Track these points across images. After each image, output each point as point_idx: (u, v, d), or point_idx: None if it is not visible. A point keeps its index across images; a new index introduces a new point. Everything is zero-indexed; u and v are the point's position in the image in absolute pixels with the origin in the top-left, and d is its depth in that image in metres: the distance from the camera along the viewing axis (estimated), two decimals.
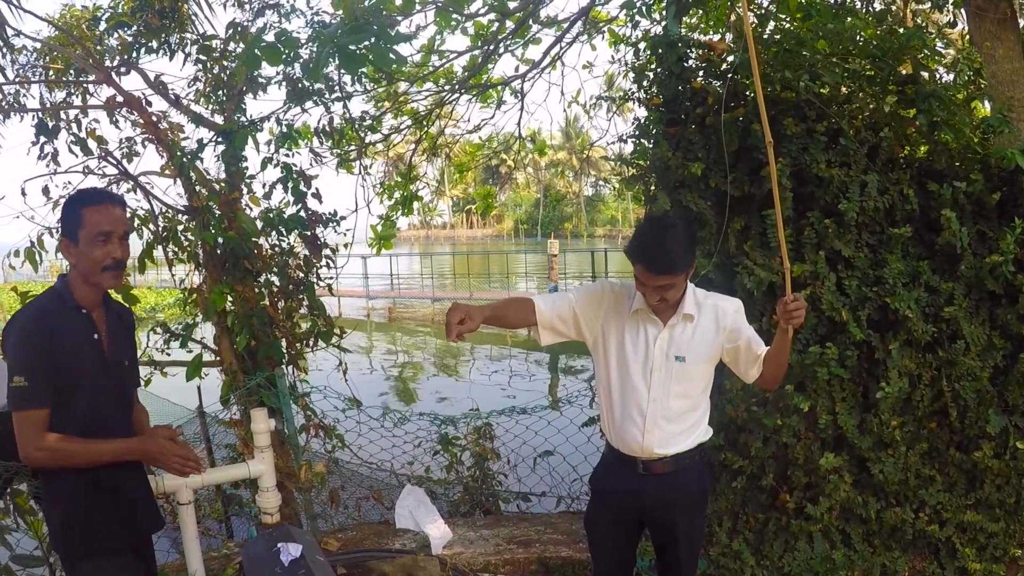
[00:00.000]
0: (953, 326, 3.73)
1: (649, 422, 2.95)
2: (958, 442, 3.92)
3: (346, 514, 5.63)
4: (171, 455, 2.69)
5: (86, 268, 2.63)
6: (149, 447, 2.68)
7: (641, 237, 2.84)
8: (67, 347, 2.58)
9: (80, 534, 2.70)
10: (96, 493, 2.71)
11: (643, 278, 2.78)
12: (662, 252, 2.73)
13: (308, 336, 5.38)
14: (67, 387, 2.57)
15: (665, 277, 2.73)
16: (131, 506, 2.87)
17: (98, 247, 2.60)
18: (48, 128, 5.17)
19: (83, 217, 2.61)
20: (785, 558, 4.05)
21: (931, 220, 3.82)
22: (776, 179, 2.78)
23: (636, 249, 2.80)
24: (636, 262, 2.79)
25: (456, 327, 2.63)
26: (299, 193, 5.35)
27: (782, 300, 2.71)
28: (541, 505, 5.76)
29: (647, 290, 2.81)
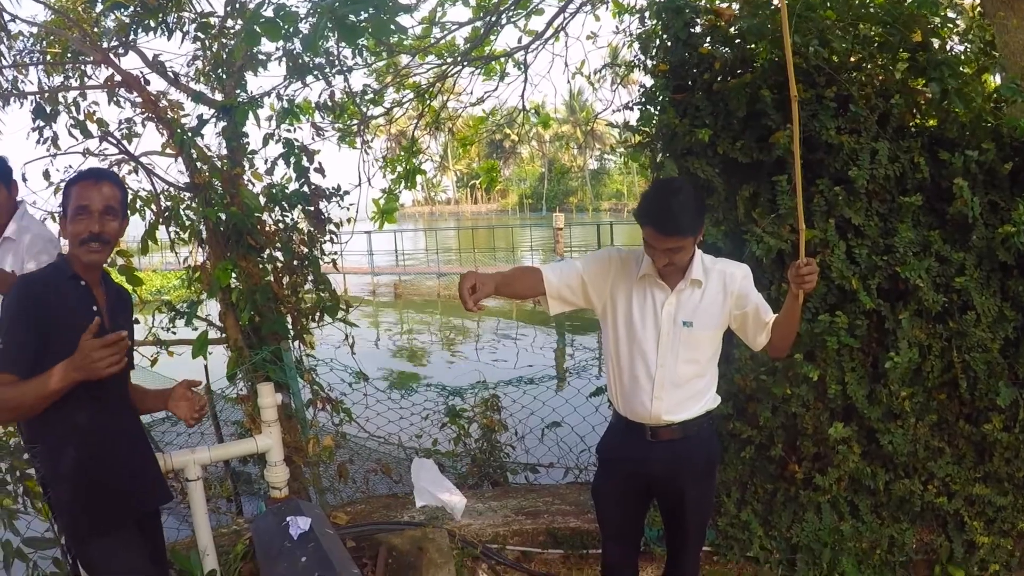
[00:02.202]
0: (964, 297, 3.69)
1: (657, 388, 2.93)
2: (967, 414, 3.89)
3: (355, 488, 5.64)
4: (94, 353, 2.43)
5: (70, 242, 2.69)
6: (75, 360, 2.44)
7: (649, 199, 2.81)
8: (66, 318, 2.58)
9: (84, 511, 2.70)
10: (97, 467, 2.71)
11: (651, 240, 2.76)
12: (670, 214, 2.71)
13: (313, 311, 5.36)
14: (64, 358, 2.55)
15: (674, 239, 2.72)
16: (134, 478, 2.86)
17: (77, 221, 2.64)
18: (47, 112, 5.15)
19: (70, 193, 2.69)
20: (793, 529, 4.05)
21: (942, 189, 3.76)
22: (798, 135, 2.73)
23: (644, 211, 2.77)
24: (644, 224, 2.76)
25: (471, 295, 2.62)
26: (301, 168, 5.32)
27: (795, 263, 2.68)
28: (549, 476, 5.76)
29: (655, 253, 2.78)
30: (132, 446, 2.90)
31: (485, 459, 5.71)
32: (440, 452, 5.73)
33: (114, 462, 2.77)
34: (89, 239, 2.65)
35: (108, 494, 2.74)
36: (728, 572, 4.16)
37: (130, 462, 2.86)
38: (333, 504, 5.28)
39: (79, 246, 2.66)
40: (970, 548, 3.92)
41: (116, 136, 5.15)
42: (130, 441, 2.89)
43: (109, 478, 2.74)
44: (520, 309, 22.25)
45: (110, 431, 2.74)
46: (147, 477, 2.97)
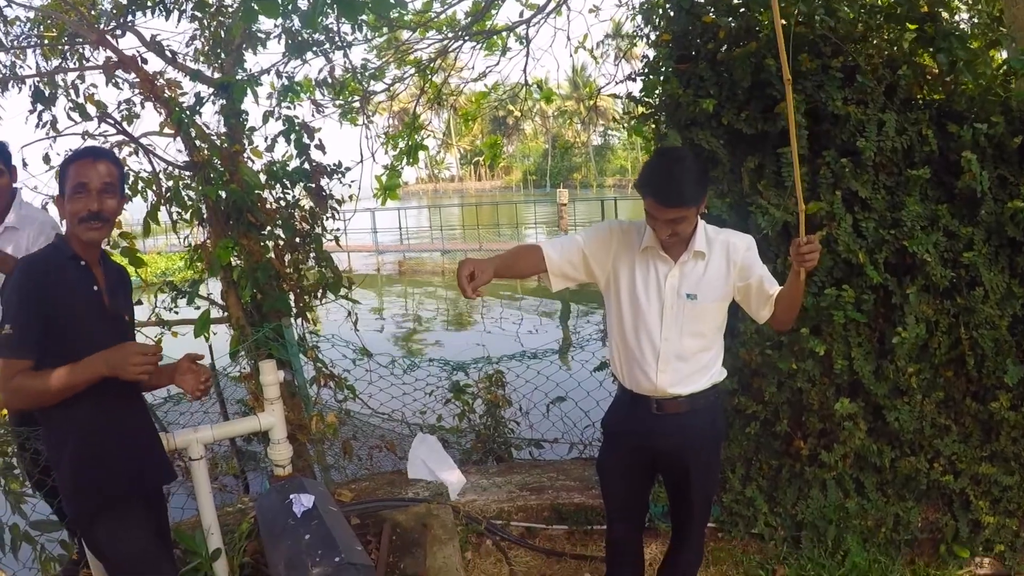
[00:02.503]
0: (972, 272, 3.64)
1: (662, 361, 2.91)
2: (974, 392, 3.86)
3: (359, 465, 5.64)
4: (133, 357, 2.52)
5: (68, 221, 2.67)
6: (111, 357, 2.53)
7: (651, 169, 2.78)
8: (66, 297, 2.58)
9: (89, 490, 2.69)
10: (101, 446, 2.70)
11: (654, 211, 2.72)
12: (672, 184, 2.67)
13: (316, 288, 5.34)
14: (70, 339, 2.55)
15: (676, 210, 2.68)
16: (139, 458, 2.85)
17: (75, 200, 2.62)
18: (45, 95, 5.13)
19: (67, 172, 2.66)
20: (798, 506, 4.03)
21: (950, 163, 3.71)
22: (792, 114, 2.68)
23: (646, 181, 2.73)
24: (646, 195, 2.72)
25: (469, 283, 2.59)
26: (302, 145, 5.29)
27: (795, 242, 2.64)
28: (553, 452, 5.76)
29: (658, 224, 2.75)
30: (136, 426, 2.90)
31: (489, 435, 5.71)
32: (444, 428, 5.73)
33: (118, 442, 2.76)
34: (88, 217, 2.63)
35: (113, 474, 2.73)
36: (733, 549, 4.16)
37: (134, 441, 2.85)
38: (337, 481, 5.28)
39: (78, 224, 2.64)
40: (975, 528, 3.90)
41: (115, 118, 5.12)
42: (134, 421, 2.89)
43: (113, 458, 2.74)
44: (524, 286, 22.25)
45: (114, 411, 2.73)
46: (151, 456, 2.96)
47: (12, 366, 2.47)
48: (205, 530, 3.63)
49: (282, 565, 3.27)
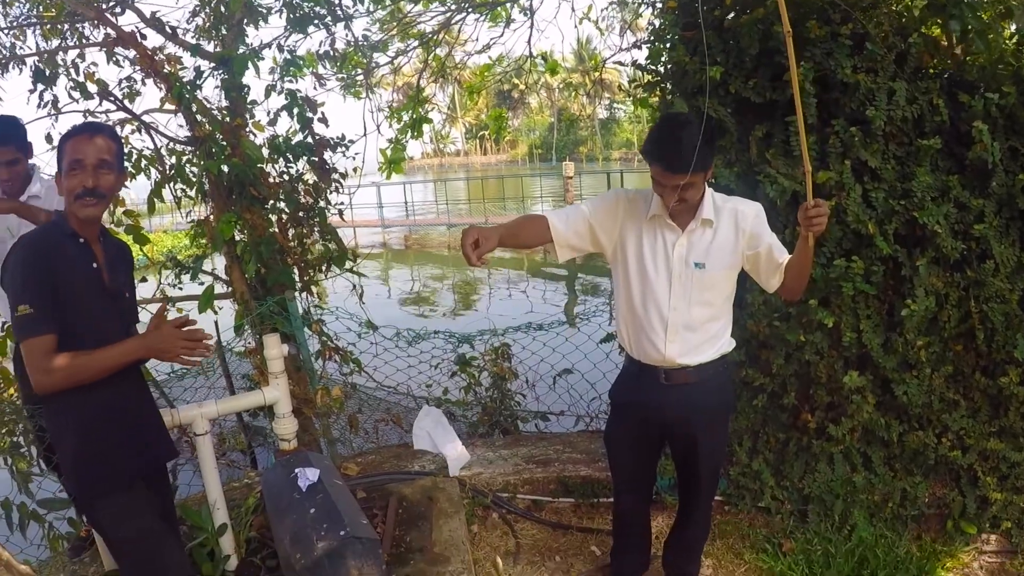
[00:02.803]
0: (983, 245, 3.59)
1: (670, 331, 2.89)
2: (984, 366, 3.82)
3: (365, 438, 5.65)
4: (177, 342, 2.60)
5: (65, 198, 2.64)
6: (152, 340, 2.60)
7: (657, 135, 2.73)
8: (66, 274, 2.56)
9: (92, 468, 2.68)
10: (102, 424, 2.69)
11: (661, 178, 2.69)
12: (679, 150, 2.62)
13: (320, 262, 5.32)
14: (70, 317, 2.54)
15: (683, 176, 2.64)
16: (139, 436, 2.84)
17: (71, 176, 2.60)
18: (45, 75, 5.09)
19: (64, 148, 2.62)
20: (805, 479, 4.01)
21: (961, 133, 3.65)
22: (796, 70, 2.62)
23: (653, 148, 2.69)
24: (653, 162, 2.69)
25: (473, 251, 2.56)
26: (305, 119, 5.25)
27: (803, 206, 2.60)
28: (560, 424, 5.75)
29: (665, 191, 2.71)
30: (137, 404, 2.88)
31: (496, 407, 5.70)
32: (450, 401, 5.72)
33: (120, 421, 2.75)
34: (83, 193, 2.61)
35: (114, 454, 2.72)
36: (739, 522, 4.15)
37: (135, 420, 2.84)
38: (344, 455, 5.29)
39: (74, 201, 2.61)
40: (983, 504, 3.87)
41: (116, 95, 5.07)
42: (135, 399, 2.87)
43: (115, 437, 2.73)
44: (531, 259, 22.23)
45: (115, 391, 2.71)
46: (153, 434, 2.95)
47: (41, 344, 2.46)
48: (211, 505, 3.64)
49: (287, 539, 3.27)
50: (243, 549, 3.82)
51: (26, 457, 4.19)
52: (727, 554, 3.96)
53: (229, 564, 3.69)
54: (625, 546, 3.62)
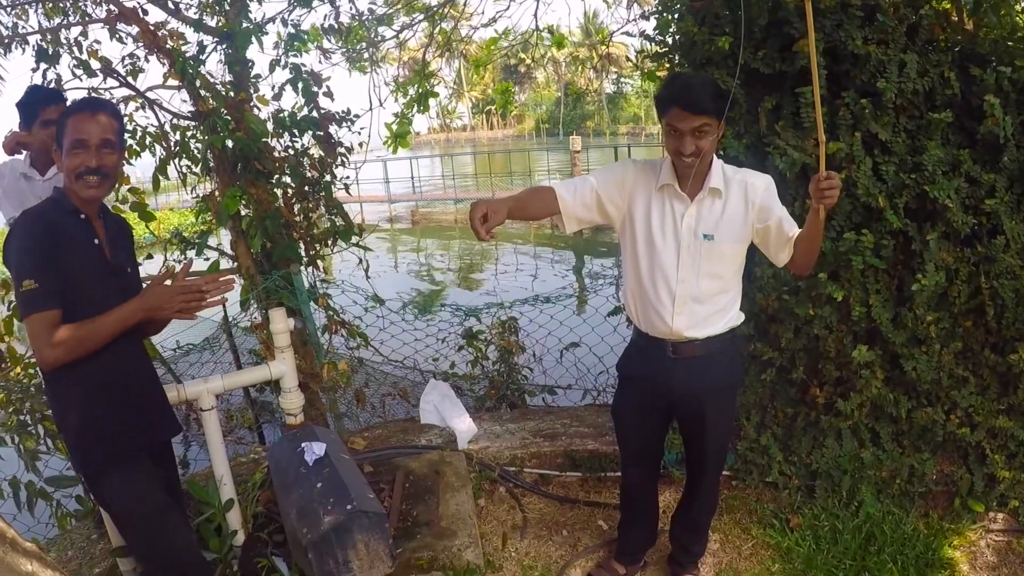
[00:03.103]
0: (994, 220, 3.54)
1: (678, 303, 2.86)
2: (994, 343, 3.79)
3: (372, 412, 5.65)
4: (174, 296, 2.59)
5: (66, 176, 2.62)
6: (149, 299, 2.60)
7: (674, 81, 2.72)
8: (68, 251, 2.54)
9: (96, 445, 2.68)
10: (106, 400, 2.68)
11: (679, 122, 2.65)
12: (696, 90, 2.61)
13: (326, 236, 5.30)
14: (72, 293, 2.53)
15: (701, 117, 2.62)
16: (143, 412, 2.84)
17: (73, 155, 2.57)
18: (48, 54, 5.05)
19: (66, 125, 2.59)
20: (813, 455, 4.00)
21: (973, 107, 3.59)
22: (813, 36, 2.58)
23: (668, 92, 2.67)
24: (669, 106, 2.66)
25: (482, 224, 2.54)
26: (310, 93, 5.22)
27: (815, 177, 2.56)
28: (567, 398, 5.76)
29: (683, 140, 2.67)
30: (140, 380, 2.88)
31: (503, 381, 5.70)
32: (457, 375, 5.72)
33: (123, 397, 2.75)
34: (86, 173, 2.59)
35: (118, 429, 2.72)
36: (747, 497, 4.14)
37: (139, 396, 2.84)
38: (351, 429, 5.30)
39: (76, 180, 2.60)
40: (991, 482, 3.85)
41: (120, 72, 5.04)
42: (137, 375, 2.87)
43: (118, 413, 2.72)
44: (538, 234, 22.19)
45: (117, 366, 2.70)
46: (156, 410, 2.95)
47: (46, 318, 2.45)
48: (217, 480, 3.64)
49: (294, 514, 3.28)
50: (250, 524, 3.83)
51: (33, 435, 4.20)
52: (734, 529, 3.96)
53: (236, 539, 3.70)
54: (632, 520, 3.62)
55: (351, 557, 3.20)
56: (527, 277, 16.41)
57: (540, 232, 22.46)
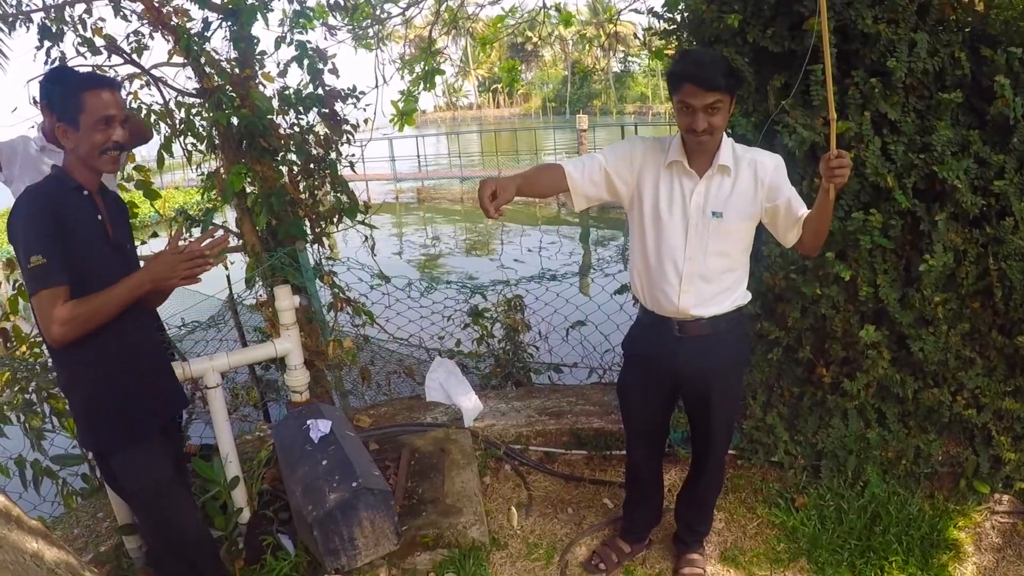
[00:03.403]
0: (1003, 202, 3.51)
1: (685, 281, 2.85)
2: (1001, 325, 3.76)
3: (377, 390, 5.66)
4: (178, 264, 2.58)
5: (86, 152, 2.59)
6: (155, 270, 2.58)
7: (684, 58, 2.69)
8: (73, 227, 2.53)
9: (106, 421, 2.69)
10: (116, 376, 2.69)
11: (691, 98, 2.63)
12: (709, 66, 2.59)
13: (332, 214, 5.29)
14: (77, 269, 2.52)
15: (714, 93, 2.60)
16: (154, 387, 2.85)
17: (99, 131, 2.56)
18: (52, 31, 5.02)
19: (84, 102, 2.55)
20: (819, 435, 3.99)
21: (983, 88, 3.56)
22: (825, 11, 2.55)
23: (680, 68, 2.65)
24: (681, 83, 2.63)
25: (491, 202, 2.52)
26: (315, 70, 5.19)
27: (825, 155, 2.54)
28: (573, 376, 5.75)
29: (695, 116, 2.65)
30: (149, 354, 2.89)
31: (508, 359, 5.70)
32: (463, 353, 5.71)
33: (132, 371, 2.76)
34: (113, 148, 2.60)
35: (127, 404, 2.73)
36: (752, 476, 4.14)
37: (148, 370, 2.85)
38: (356, 407, 5.30)
39: (99, 156, 2.59)
40: (996, 463, 3.84)
41: (125, 50, 5.02)
42: (147, 349, 2.87)
43: (127, 388, 2.73)
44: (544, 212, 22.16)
45: (126, 340, 2.71)
46: (165, 384, 2.96)
47: (55, 294, 2.45)
48: (223, 458, 3.65)
49: (300, 491, 3.29)
50: (255, 502, 3.84)
51: (39, 414, 4.21)
52: (739, 508, 3.96)
53: (241, 517, 3.72)
54: (637, 499, 3.62)
55: (356, 534, 3.21)
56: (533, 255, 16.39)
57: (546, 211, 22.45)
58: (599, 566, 3.59)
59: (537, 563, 3.67)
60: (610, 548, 3.65)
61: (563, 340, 5.65)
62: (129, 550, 3.66)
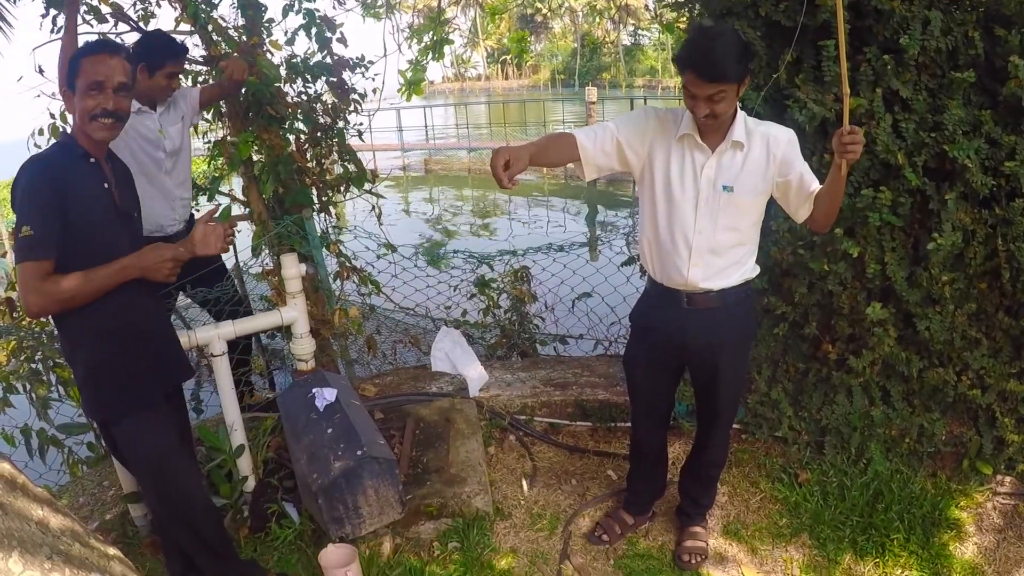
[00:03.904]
0: (1013, 183, 3.49)
1: (695, 255, 2.85)
2: (1007, 306, 3.76)
3: (383, 360, 5.67)
4: (166, 263, 2.64)
5: (80, 118, 2.59)
6: (145, 260, 2.62)
7: (691, 43, 2.63)
8: (79, 195, 2.53)
9: (109, 392, 2.70)
10: (121, 344, 2.70)
11: (693, 87, 2.60)
12: (713, 57, 2.53)
13: (339, 182, 5.27)
14: (83, 237, 2.52)
15: (716, 84, 2.55)
16: (159, 355, 2.86)
17: (90, 97, 2.56)
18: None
19: (81, 66, 2.57)
20: (824, 411, 4.00)
21: (996, 68, 3.52)
22: None
23: (685, 56, 2.60)
24: (685, 69, 2.60)
25: (504, 171, 2.51)
26: (323, 39, 5.15)
27: (838, 131, 2.52)
28: (579, 348, 5.76)
29: (696, 103, 2.63)
30: (153, 323, 2.89)
31: (514, 330, 5.70)
32: (469, 323, 5.72)
33: (136, 339, 2.76)
34: (101, 115, 2.58)
35: (132, 373, 2.74)
36: (756, 451, 4.16)
37: (152, 339, 2.85)
38: (361, 376, 5.32)
39: (89, 122, 2.58)
40: (999, 445, 3.84)
41: (132, 17, 4.98)
42: (151, 318, 2.88)
43: (132, 356, 2.74)
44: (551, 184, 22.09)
45: (131, 309, 2.71)
46: (170, 353, 2.97)
47: (37, 268, 2.44)
48: (228, 427, 3.67)
49: (305, 459, 3.31)
50: (260, 470, 3.87)
51: (45, 383, 4.22)
52: (743, 482, 3.98)
53: (246, 485, 3.74)
54: (641, 471, 3.64)
55: (361, 503, 3.23)
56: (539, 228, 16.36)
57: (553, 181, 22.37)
58: (602, 537, 3.61)
59: (540, 533, 3.69)
60: (613, 519, 3.67)
61: (569, 311, 5.65)
62: (134, 518, 3.68)
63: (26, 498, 1.63)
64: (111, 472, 3.97)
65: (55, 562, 1.52)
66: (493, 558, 3.49)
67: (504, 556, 3.52)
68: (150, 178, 4.14)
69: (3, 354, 4.29)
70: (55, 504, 1.74)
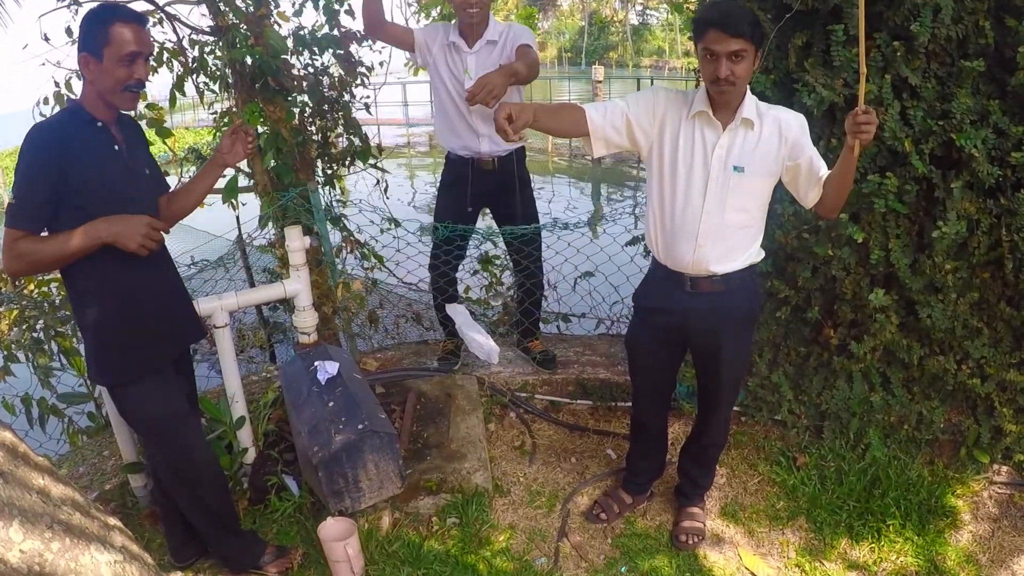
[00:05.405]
0: (1019, 173, 3.47)
1: (701, 237, 2.84)
2: (1010, 297, 3.75)
3: (385, 334, 5.67)
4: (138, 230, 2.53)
5: (107, 87, 2.55)
6: (116, 227, 2.51)
7: (711, 5, 2.65)
8: (87, 161, 2.52)
9: (119, 357, 2.71)
10: (134, 308, 2.70)
11: (716, 44, 2.59)
12: (736, 12, 2.56)
13: (344, 156, 5.26)
14: (93, 200, 2.51)
15: (739, 40, 2.56)
16: (170, 319, 2.87)
17: (124, 67, 2.52)
18: None
19: (111, 34, 2.50)
20: (824, 395, 4.01)
21: (1005, 59, 3.50)
22: None
23: (706, 15, 2.62)
24: (707, 29, 2.60)
25: (507, 124, 2.50)
26: (331, 11, 5.12)
27: (852, 112, 2.51)
28: (581, 327, 5.75)
29: (718, 62, 2.62)
30: (165, 284, 2.89)
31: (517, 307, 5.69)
32: (471, 299, 5.72)
33: (148, 301, 2.77)
34: (135, 86, 2.58)
35: (142, 334, 2.75)
36: (755, 434, 4.17)
37: (164, 300, 2.85)
38: (363, 351, 5.33)
39: (122, 92, 2.56)
40: (997, 434, 3.85)
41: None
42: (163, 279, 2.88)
43: (142, 318, 2.75)
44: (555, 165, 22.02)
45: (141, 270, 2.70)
46: (181, 314, 2.98)
47: (13, 235, 2.45)
48: (229, 398, 3.68)
49: (305, 432, 3.32)
50: (261, 442, 3.88)
51: (47, 352, 4.23)
52: (741, 464, 4.00)
53: (247, 457, 3.76)
54: (641, 451, 3.65)
55: (361, 477, 3.25)
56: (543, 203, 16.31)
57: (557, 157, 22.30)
58: (600, 516, 3.63)
59: (539, 511, 3.71)
60: (612, 498, 3.69)
61: (572, 290, 5.64)
62: (134, 488, 3.70)
63: (27, 467, 1.64)
64: (111, 442, 3.99)
65: (56, 531, 1.53)
66: (491, 534, 3.51)
67: (502, 532, 3.54)
68: None
69: (5, 323, 4.31)
70: (56, 473, 1.75)
